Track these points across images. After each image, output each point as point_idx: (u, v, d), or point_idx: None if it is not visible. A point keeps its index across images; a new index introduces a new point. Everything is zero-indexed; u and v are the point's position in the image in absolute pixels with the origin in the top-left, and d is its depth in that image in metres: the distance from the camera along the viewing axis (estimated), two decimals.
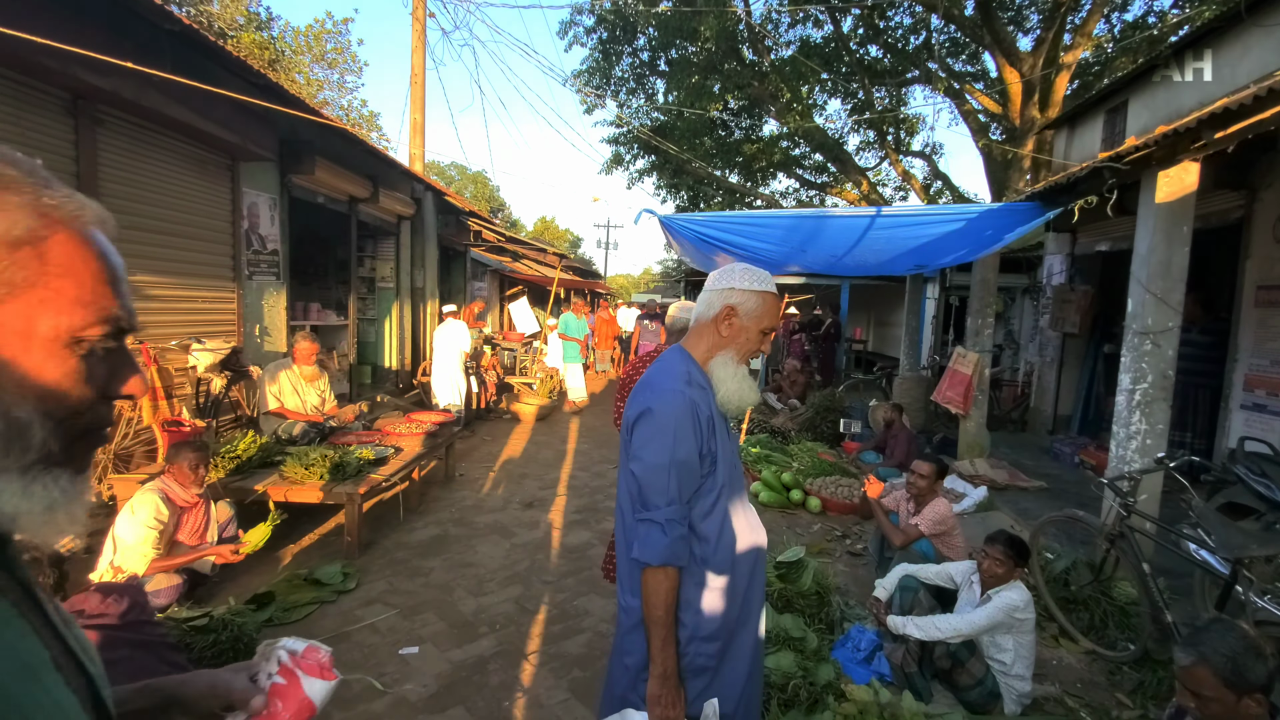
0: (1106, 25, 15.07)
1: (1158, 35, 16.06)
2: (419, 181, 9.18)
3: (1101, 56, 16.09)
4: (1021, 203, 4.47)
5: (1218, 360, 5.43)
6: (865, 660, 2.93)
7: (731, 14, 16.56)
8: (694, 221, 4.74)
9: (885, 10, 16.58)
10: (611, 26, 19.00)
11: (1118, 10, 15.10)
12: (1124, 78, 6.87)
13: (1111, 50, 15.26)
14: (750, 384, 1.62)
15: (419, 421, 5.44)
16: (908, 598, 3.09)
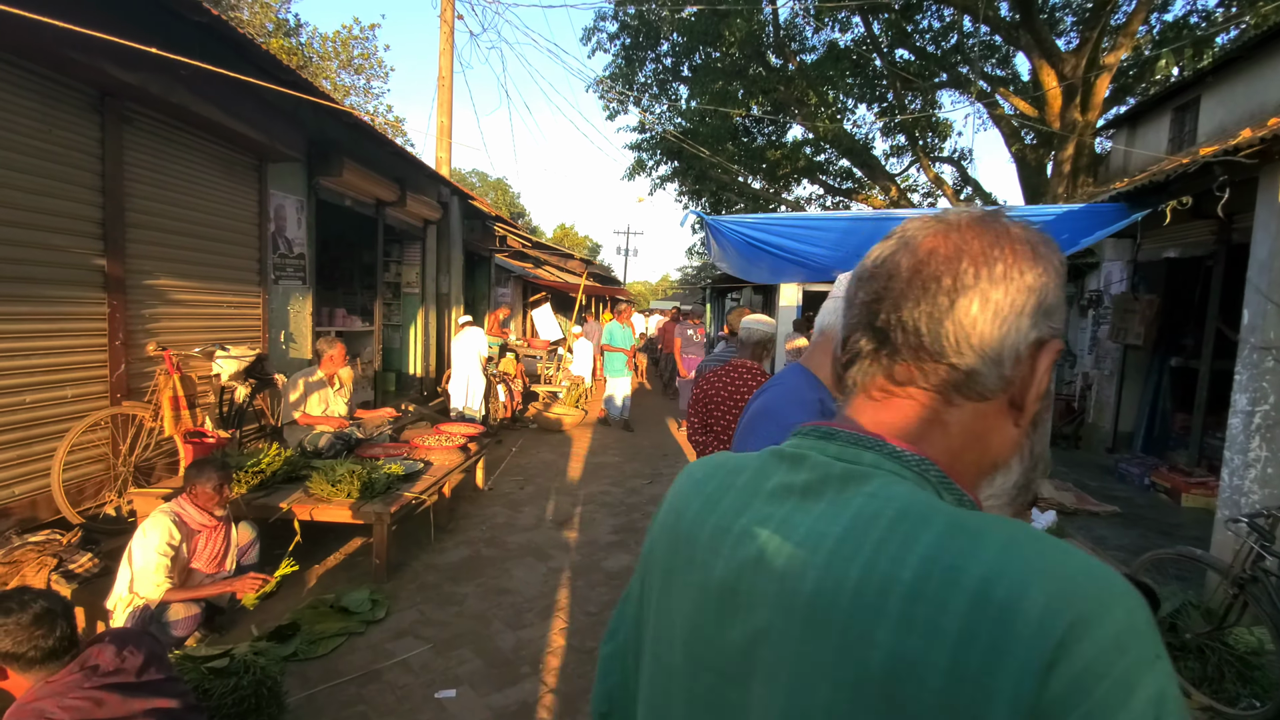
0: (1146, 27, 14.54)
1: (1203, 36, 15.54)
2: (445, 185, 8.99)
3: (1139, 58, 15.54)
4: (1105, 204, 4.10)
5: None
6: None
7: (758, 17, 16.32)
8: (741, 224, 4.43)
9: (915, 13, 16.23)
10: (635, 33, 18.89)
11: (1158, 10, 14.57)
12: (1197, 73, 6.46)
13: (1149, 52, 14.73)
14: None
15: (449, 434, 5.19)
16: None
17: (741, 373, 2.83)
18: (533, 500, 5.44)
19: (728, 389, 2.80)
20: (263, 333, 5.59)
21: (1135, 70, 14.92)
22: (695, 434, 2.88)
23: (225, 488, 3.08)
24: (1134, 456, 6.48)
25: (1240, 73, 5.79)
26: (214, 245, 5.03)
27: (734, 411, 2.76)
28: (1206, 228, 6.09)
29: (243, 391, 4.85)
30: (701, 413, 2.87)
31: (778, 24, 17.75)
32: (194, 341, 4.73)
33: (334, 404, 5.05)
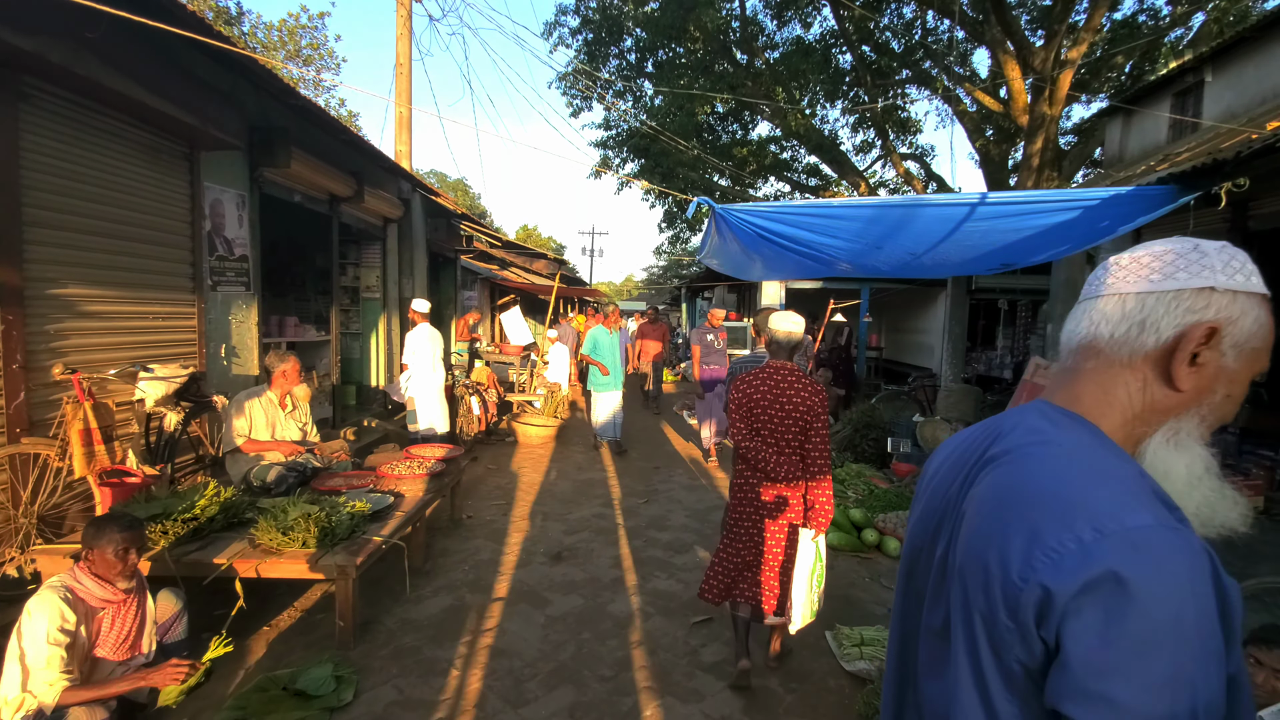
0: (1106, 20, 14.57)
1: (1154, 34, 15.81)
2: (407, 179, 8.28)
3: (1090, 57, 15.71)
4: (1153, 186, 3.73)
5: None
6: None
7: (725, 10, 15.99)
8: (752, 213, 3.92)
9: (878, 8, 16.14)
10: (597, 28, 18.37)
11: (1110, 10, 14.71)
12: (1199, 56, 6.22)
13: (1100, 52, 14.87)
14: (1229, 493, 0.81)
15: (420, 458, 4.54)
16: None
17: (785, 375, 2.85)
18: (518, 529, 4.83)
19: (771, 393, 2.82)
20: (198, 348, 4.84)
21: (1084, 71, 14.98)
22: (743, 439, 2.86)
23: (132, 552, 2.41)
24: None
25: (1249, 54, 5.56)
26: (136, 247, 4.28)
27: (778, 415, 2.81)
28: (1218, 217, 5.86)
29: (173, 418, 4.12)
30: (747, 417, 2.86)
31: (745, 18, 17.45)
32: (111, 361, 3.99)
33: (286, 427, 4.36)
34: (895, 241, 4.19)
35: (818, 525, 2.73)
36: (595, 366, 7.43)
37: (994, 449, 0.83)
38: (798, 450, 2.78)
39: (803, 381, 2.82)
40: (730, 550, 2.93)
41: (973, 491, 0.82)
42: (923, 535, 0.92)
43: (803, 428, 2.76)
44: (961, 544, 0.80)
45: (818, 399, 2.78)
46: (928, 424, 7.12)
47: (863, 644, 3.11)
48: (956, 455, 0.90)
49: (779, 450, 2.79)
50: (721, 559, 2.96)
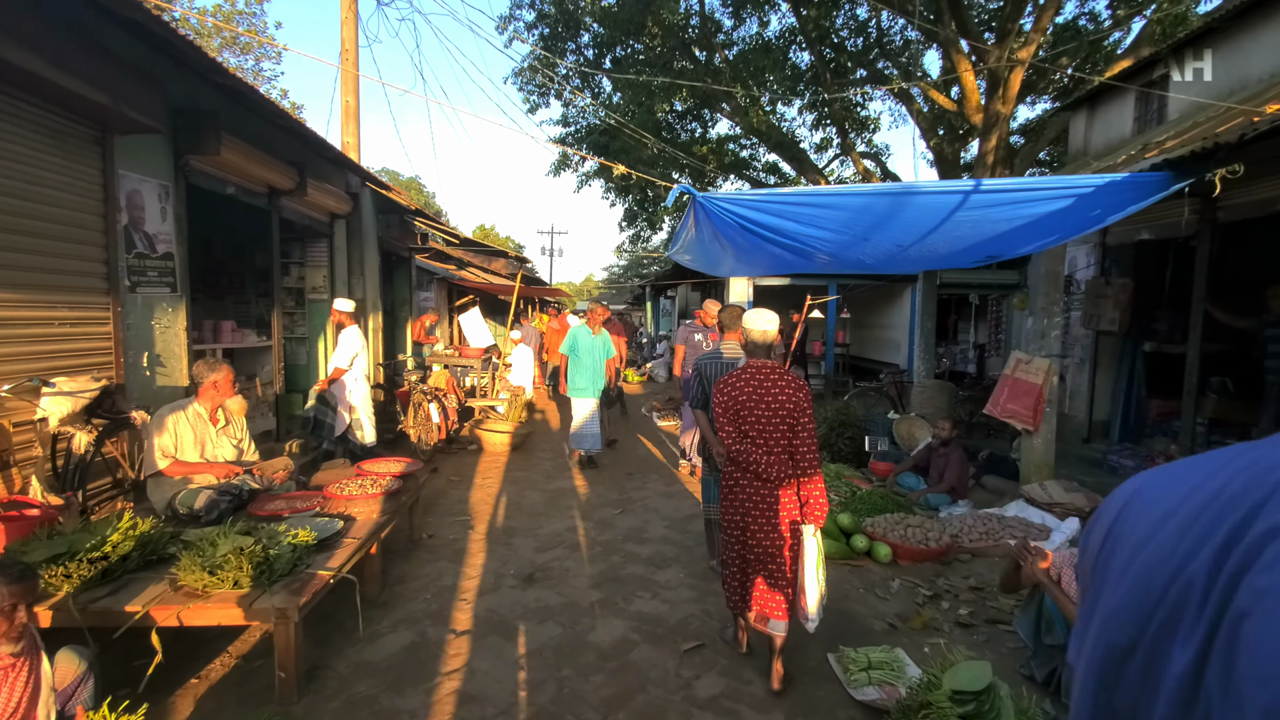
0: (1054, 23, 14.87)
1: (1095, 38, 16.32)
2: (355, 172, 7.74)
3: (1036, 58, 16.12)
4: (1148, 173, 3.59)
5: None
6: None
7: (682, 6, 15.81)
8: (736, 201, 3.64)
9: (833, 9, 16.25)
10: (553, 22, 17.97)
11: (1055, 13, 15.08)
12: (1163, 50, 6.24)
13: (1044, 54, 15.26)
14: None
15: (374, 475, 4.11)
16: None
17: (768, 374, 2.82)
18: (485, 548, 4.44)
19: (757, 393, 2.78)
20: (115, 357, 4.29)
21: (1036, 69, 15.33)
22: (733, 442, 2.80)
23: (21, 608, 1.97)
24: (1123, 447, 6.21)
25: (1215, 46, 5.58)
26: (36, 243, 3.73)
27: (765, 415, 2.76)
28: (1187, 207, 5.87)
29: (83, 438, 3.60)
30: (735, 420, 2.80)
31: (704, 15, 17.31)
32: (7, 375, 3.46)
33: (218, 445, 3.88)
34: (883, 232, 3.97)
35: (815, 520, 2.75)
36: (579, 370, 6.66)
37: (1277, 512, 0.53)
38: (787, 449, 2.76)
39: (786, 379, 2.82)
40: (733, 556, 2.91)
41: (1258, 581, 0.51)
42: (1134, 631, 0.61)
43: (790, 425, 2.75)
44: (1246, 662, 0.50)
45: (802, 394, 2.80)
46: (903, 421, 7.00)
47: (870, 667, 2.85)
48: (1191, 514, 0.59)
49: (768, 450, 2.76)
50: (727, 565, 2.96)
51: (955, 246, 4.19)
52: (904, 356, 11.02)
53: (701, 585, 3.85)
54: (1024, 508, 5.02)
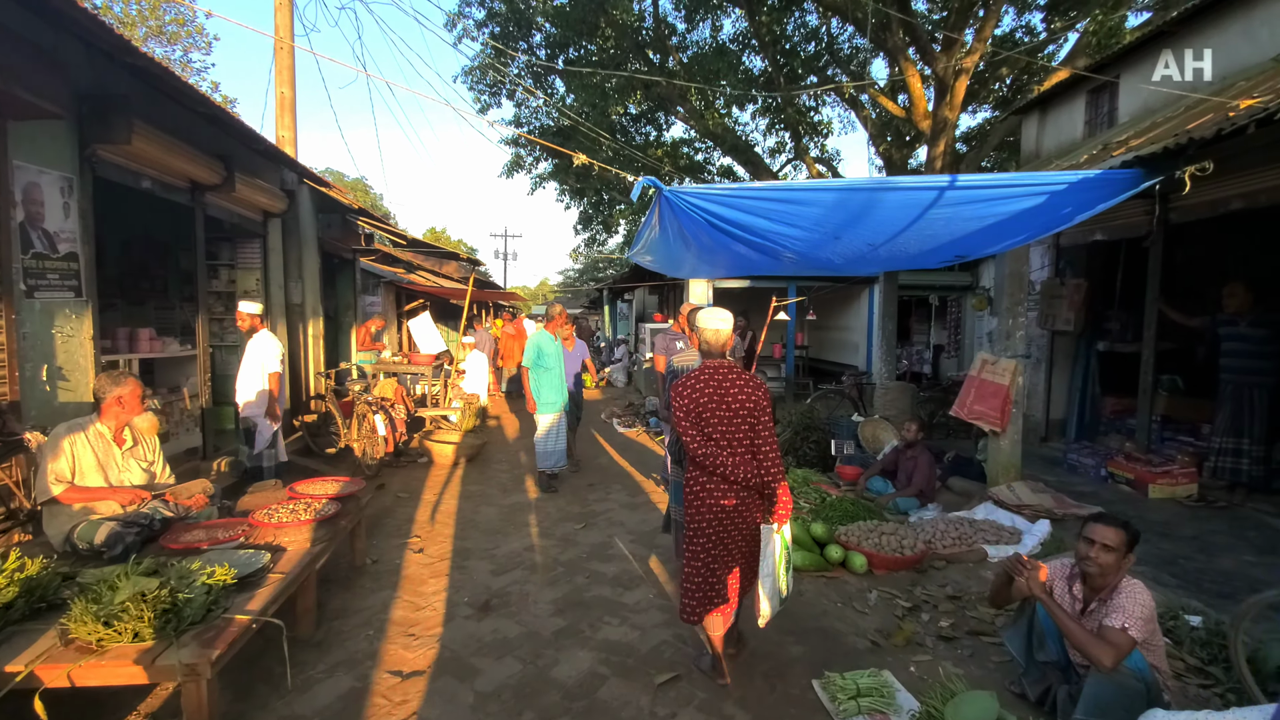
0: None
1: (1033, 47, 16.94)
2: (292, 168, 7.22)
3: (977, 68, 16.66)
4: (1119, 170, 3.53)
5: (1274, 356, 4.83)
6: None
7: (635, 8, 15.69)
8: (705, 196, 3.42)
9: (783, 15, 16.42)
10: (504, 21, 17.57)
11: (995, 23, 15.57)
12: (1114, 54, 6.35)
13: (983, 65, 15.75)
14: None
15: (308, 498, 3.71)
16: None
17: (726, 373, 2.80)
18: (436, 573, 4.08)
19: (717, 393, 2.75)
20: (8, 371, 3.77)
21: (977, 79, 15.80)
22: (697, 445, 2.73)
23: None
24: (1082, 446, 6.26)
25: (1165, 50, 5.68)
26: None
27: (726, 415, 2.73)
28: (1140, 208, 5.97)
29: None
30: (697, 422, 2.75)
31: (657, 18, 17.23)
32: None
33: (125, 469, 3.42)
34: (855, 231, 3.81)
35: (780, 518, 2.72)
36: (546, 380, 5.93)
37: None
38: (749, 448, 2.74)
39: (744, 378, 2.80)
40: (698, 564, 2.80)
41: None
42: None
43: (751, 425, 2.74)
44: None
45: (761, 393, 2.77)
46: (869, 424, 6.92)
47: (859, 695, 2.65)
48: None
49: (732, 451, 2.73)
50: (690, 575, 2.82)
51: (926, 246, 4.08)
52: (863, 358, 11.05)
53: (673, 607, 3.60)
54: (993, 510, 4.95)
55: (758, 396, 2.75)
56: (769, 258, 4.76)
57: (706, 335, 2.90)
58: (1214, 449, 5.16)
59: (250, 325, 5.41)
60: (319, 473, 6.49)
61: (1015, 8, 16.18)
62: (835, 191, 3.41)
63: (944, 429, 8.08)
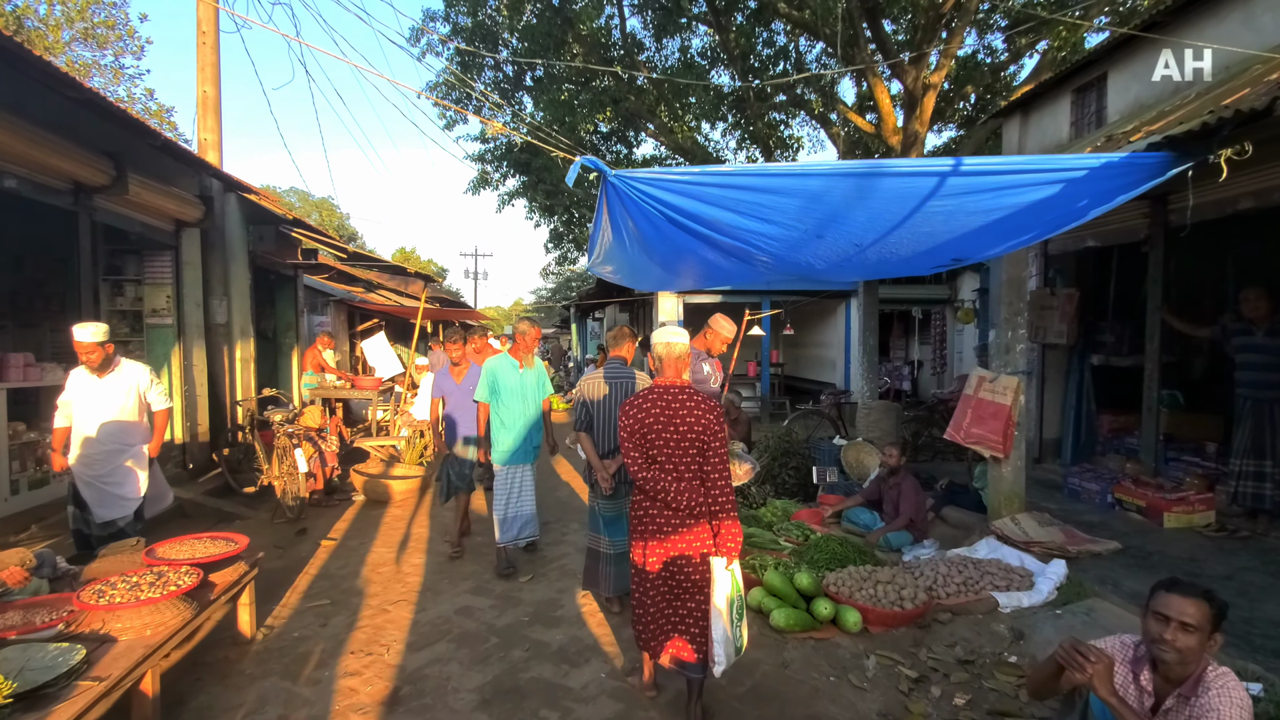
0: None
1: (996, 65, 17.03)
2: (213, 175, 6.47)
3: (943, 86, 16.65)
4: (1146, 154, 3.02)
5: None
6: None
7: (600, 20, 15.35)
8: (661, 182, 2.79)
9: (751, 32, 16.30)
10: (470, 37, 17.10)
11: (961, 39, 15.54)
12: (1102, 48, 5.97)
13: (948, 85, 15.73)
14: None
15: (166, 565, 2.94)
16: None
17: (676, 394, 2.64)
18: (339, 647, 3.33)
19: (665, 414, 2.61)
20: None
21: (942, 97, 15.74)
22: (640, 469, 2.62)
23: None
24: (1084, 469, 5.74)
25: (1157, 43, 5.30)
26: None
27: (673, 438, 2.58)
28: (1138, 210, 5.55)
29: None
30: (641, 444, 2.63)
31: (625, 35, 16.93)
32: None
33: None
34: (841, 227, 3.23)
35: (728, 552, 2.54)
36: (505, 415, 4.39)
37: None
38: (698, 474, 2.59)
39: (695, 399, 2.63)
40: (640, 595, 2.68)
41: None
42: None
43: (700, 449, 2.57)
44: None
45: (713, 416, 2.59)
46: (851, 447, 6.34)
47: None
48: None
49: (678, 476, 2.58)
50: (635, 606, 2.73)
51: (920, 246, 3.51)
52: (841, 375, 10.55)
53: (630, 696, 2.90)
54: (997, 547, 4.37)
55: (709, 420, 2.57)
56: (741, 264, 4.16)
57: (657, 350, 2.71)
58: (1234, 472, 4.67)
59: (101, 357, 3.85)
60: (235, 516, 5.68)
61: (976, 30, 16.32)
62: (820, 178, 2.82)
63: (930, 449, 7.55)
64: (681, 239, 3.47)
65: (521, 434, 4.40)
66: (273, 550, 4.82)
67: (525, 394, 4.45)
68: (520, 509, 4.39)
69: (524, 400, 4.44)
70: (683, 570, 2.61)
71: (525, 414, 4.44)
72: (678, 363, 2.68)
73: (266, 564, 4.52)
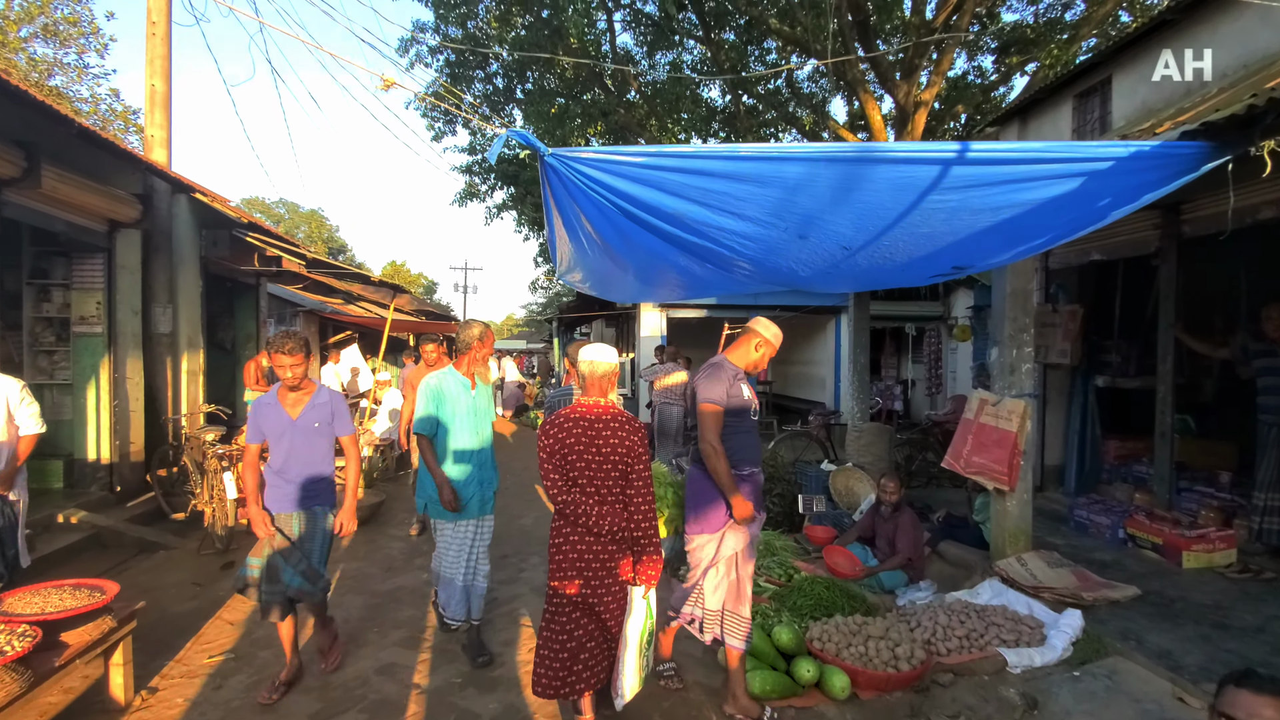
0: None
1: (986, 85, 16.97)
2: (147, 169, 5.97)
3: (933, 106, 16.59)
4: (1181, 143, 2.60)
5: None
6: None
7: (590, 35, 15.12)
8: (611, 164, 2.30)
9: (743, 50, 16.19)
10: (460, 49, 16.88)
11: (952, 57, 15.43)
12: (1105, 52, 5.63)
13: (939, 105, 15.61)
14: None
15: (11, 621, 2.41)
16: None
17: (599, 414, 2.54)
18: (229, 716, 2.79)
19: (586, 435, 2.50)
20: None
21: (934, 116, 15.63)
22: (559, 492, 2.50)
23: None
24: (1091, 500, 5.29)
25: (1167, 43, 4.96)
26: None
27: (595, 460, 2.48)
28: (1148, 221, 5.17)
29: None
30: (560, 466, 2.52)
31: (615, 51, 16.75)
32: None
33: None
34: (827, 225, 2.79)
35: (647, 580, 2.51)
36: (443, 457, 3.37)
37: None
38: (620, 498, 2.52)
39: (619, 420, 2.56)
40: (556, 629, 2.52)
41: None
42: None
43: (623, 472, 2.51)
44: None
45: (637, 438, 2.54)
46: (840, 474, 5.87)
47: None
48: None
49: (600, 500, 2.51)
50: (548, 641, 2.52)
51: (918, 251, 3.07)
52: (830, 394, 10.11)
53: None
54: (1002, 590, 3.90)
55: (632, 441, 2.51)
56: (719, 271, 3.70)
57: (581, 369, 2.65)
58: (1257, 507, 4.24)
59: None
60: (160, 546, 5.13)
61: (966, 52, 16.27)
62: (800, 163, 2.36)
63: (924, 475, 7.09)
64: (644, 239, 3.01)
65: (475, 469, 3.37)
66: (188, 589, 4.27)
67: (478, 420, 3.43)
68: (469, 569, 3.36)
69: (477, 428, 3.41)
70: (601, 600, 2.50)
71: (481, 446, 3.42)
72: (601, 381, 2.59)
73: (176, 606, 4.01)
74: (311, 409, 3.08)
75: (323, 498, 3.13)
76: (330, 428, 3.13)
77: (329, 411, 3.13)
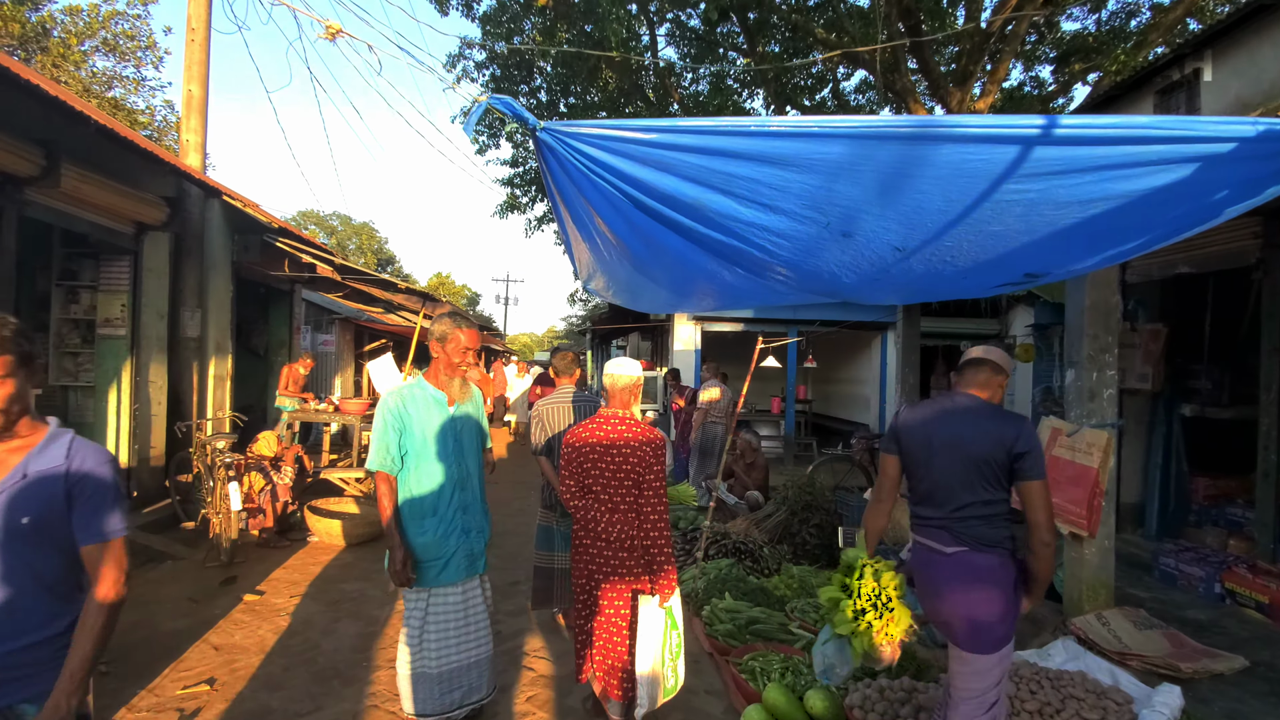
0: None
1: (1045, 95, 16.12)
2: (185, 177, 5.94)
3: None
4: None
5: None
6: None
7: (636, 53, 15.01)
8: (619, 141, 1.93)
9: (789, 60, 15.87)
10: (505, 64, 17.06)
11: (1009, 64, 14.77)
12: (1193, 41, 5.05)
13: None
14: None
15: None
16: None
17: (616, 424, 2.61)
18: None
19: (602, 444, 2.58)
20: None
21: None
22: (572, 497, 2.64)
23: None
24: (1181, 547, 4.62)
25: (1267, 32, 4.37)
26: None
27: (609, 469, 2.55)
28: (1246, 230, 4.56)
29: None
30: (576, 473, 2.62)
31: (657, 66, 16.64)
32: None
33: None
34: (878, 220, 2.37)
35: (662, 591, 2.49)
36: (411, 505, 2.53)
37: None
38: (634, 507, 2.53)
39: (636, 430, 2.58)
40: (581, 623, 2.70)
41: None
42: None
43: (636, 481, 2.52)
44: None
45: (651, 449, 2.54)
46: None
47: None
48: None
49: (612, 508, 2.54)
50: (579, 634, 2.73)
51: (985, 254, 2.61)
52: (875, 416, 9.50)
53: None
54: (1079, 653, 3.33)
55: (646, 452, 2.53)
56: (753, 278, 3.28)
57: (604, 381, 2.75)
58: None
59: None
60: (168, 556, 4.98)
61: (1023, 62, 15.51)
62: (846, 140, 1.95)
63: None
64: (664, 237, 2.65)
65: (458, 521, 2.53)
66: (184, 605, 4.06)
67: (461, 447, 2.57)
68: (460, 654, 2.52)
69: (459, 458, 2.56)
70: (612, 604, 2.55)
71: (463, 481, 2.57)
72: (623, 394, 2.68)
73: (167, 624, 3.79)
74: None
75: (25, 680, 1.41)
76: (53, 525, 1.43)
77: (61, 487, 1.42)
